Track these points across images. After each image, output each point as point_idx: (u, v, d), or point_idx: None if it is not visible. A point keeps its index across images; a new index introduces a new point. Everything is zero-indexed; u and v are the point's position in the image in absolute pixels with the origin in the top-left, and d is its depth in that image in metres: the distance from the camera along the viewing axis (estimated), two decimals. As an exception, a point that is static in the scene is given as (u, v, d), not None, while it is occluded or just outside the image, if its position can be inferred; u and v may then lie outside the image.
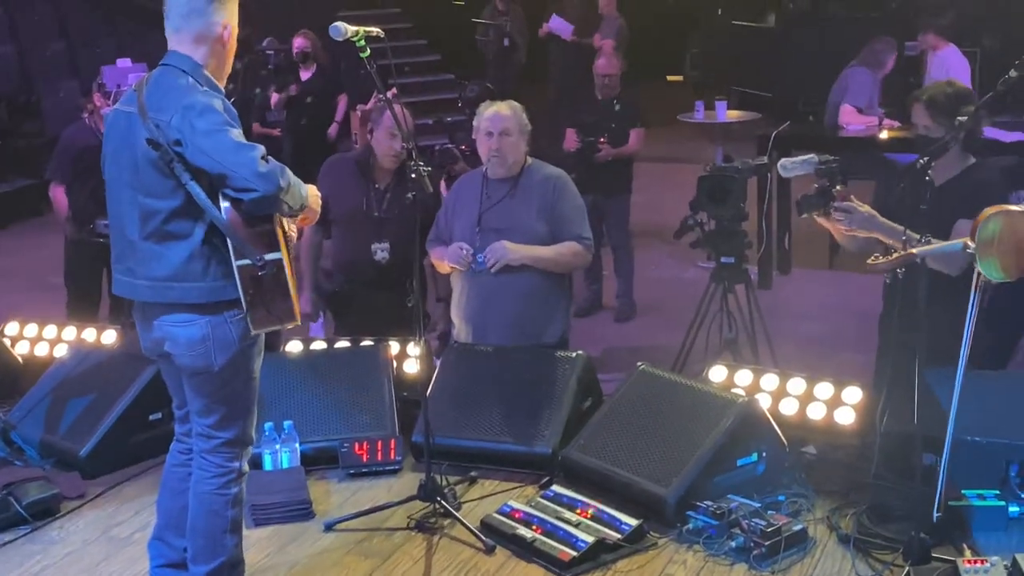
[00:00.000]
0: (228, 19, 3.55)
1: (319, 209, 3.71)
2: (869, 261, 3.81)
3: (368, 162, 5.55)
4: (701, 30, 18.10)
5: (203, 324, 3.48)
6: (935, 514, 3.79)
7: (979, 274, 3.47)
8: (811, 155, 4.51)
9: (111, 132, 3.58)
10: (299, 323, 3.60)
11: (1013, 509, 4.02)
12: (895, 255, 3.71)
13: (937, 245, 3.74)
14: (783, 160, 4.53)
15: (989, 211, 3.25)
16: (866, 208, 4.30)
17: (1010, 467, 4.10)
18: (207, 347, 3.49)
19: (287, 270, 3.45)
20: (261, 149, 3.36)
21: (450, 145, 6.87)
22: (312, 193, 3.62)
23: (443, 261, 5.19)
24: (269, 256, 3.41)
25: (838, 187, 4.33)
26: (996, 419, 4.11)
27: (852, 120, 8.55)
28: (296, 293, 3.54)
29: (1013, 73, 3.53)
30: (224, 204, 3.38)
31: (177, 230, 3.43)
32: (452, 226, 5.24)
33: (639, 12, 13.81)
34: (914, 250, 3.69)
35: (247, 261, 3.39)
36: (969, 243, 3.31)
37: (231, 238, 3.38)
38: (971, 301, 3.51)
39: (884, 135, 8.22)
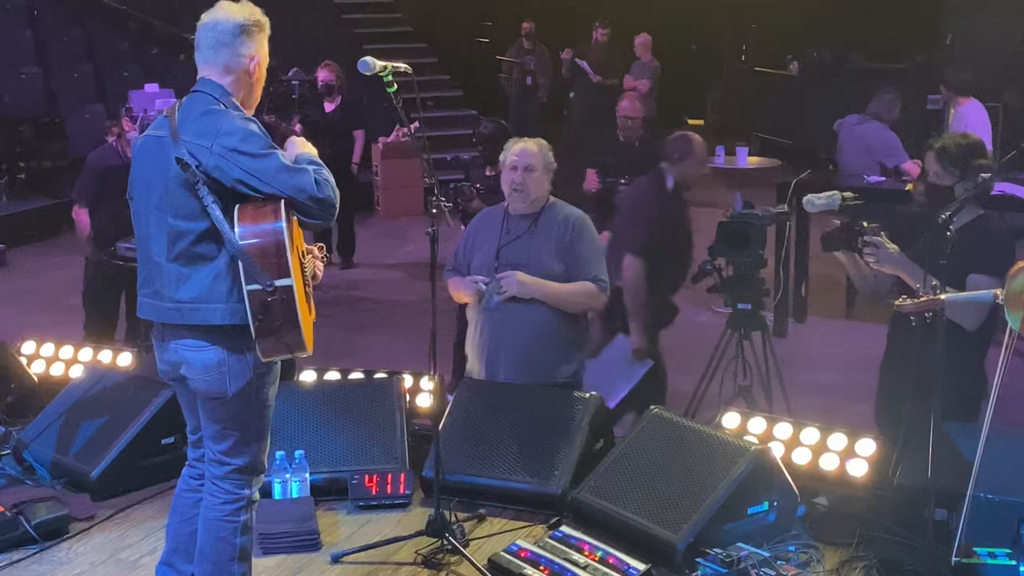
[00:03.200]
0: (256, 51, 3.60)
1: None
2: (896, 302, 3.80)
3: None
4: (724, 75, 18.19)
5: (219, 350, 3.49)
6: (953, 559, 3.77)
7: (1009, 329, 3.46)
8: (835, 192, 4.54)
9: (141, 156, 3.62)
10: (310, 353, 3.58)
11: (1024, 568, 3.99)
12: (923, 298, 3.70)
13: (965, 293, 3.75)
14: (808, 196, 4.57)
15: (1021, 264, 3.26)
16: (893, 247, 4.33)
17: (1022, 526, 4.07)
18: (222, 373, 3.50)
19: (297, 299, 3.45)
20: (312, 170, 3.46)
21: (465, 183, 6.90)
22: None
23: (459, 291, 5.21)
24: (280, 282, 3.41)
25: (865, 223, 4.37)
26: (1010, 477, 4.07)
27: (916, 171, 8.47)
28: (310, 324, 3.55)
29: (1036, 134, 3.54)
30: (239, 228, 3.40)
31: (204, 252, 3.46)
32: (471, 259, 5.25)
33: (662, 56, 13.90)
34: (943, 296, 3.69)
35: (257, 286, 3.40)
36: (999, 294, 3.32)
37: (243, 261, 3.39)
38: (1003, 355, 3.50)
39: (909, 187, 8.21)
